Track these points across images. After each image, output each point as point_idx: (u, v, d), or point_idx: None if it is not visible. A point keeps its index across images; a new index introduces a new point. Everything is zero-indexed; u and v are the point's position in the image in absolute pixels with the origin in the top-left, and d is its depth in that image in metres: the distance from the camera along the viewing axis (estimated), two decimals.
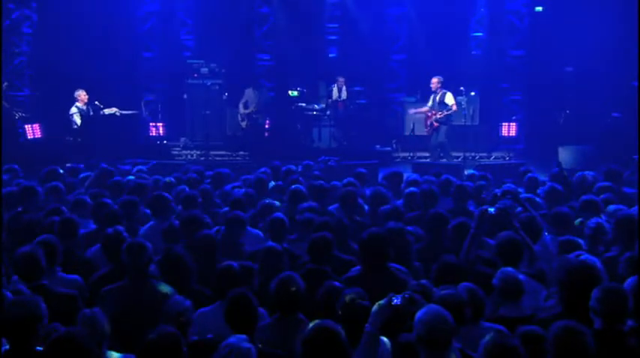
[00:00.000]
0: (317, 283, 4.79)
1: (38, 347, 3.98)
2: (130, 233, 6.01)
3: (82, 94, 14.40)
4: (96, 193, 7.90)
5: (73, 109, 14.40)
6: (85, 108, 14.43)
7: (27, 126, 15.09)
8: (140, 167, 10.70)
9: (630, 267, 5.04)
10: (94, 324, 4.07)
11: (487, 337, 3.70)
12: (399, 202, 8.13)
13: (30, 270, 5.00)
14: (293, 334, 4.20)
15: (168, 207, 7.17)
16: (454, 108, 14.01)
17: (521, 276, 4.92)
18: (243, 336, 3.82)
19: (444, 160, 14.04)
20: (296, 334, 4.02)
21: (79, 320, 4.12)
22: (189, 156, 15.43)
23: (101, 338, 4.06)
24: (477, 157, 15.31)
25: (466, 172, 10.96)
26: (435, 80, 14.20)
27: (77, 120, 14.42)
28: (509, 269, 4.95)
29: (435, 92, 14.21)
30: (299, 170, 9.94)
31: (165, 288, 4.91)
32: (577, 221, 6.73)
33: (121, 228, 5.89)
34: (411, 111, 15.17)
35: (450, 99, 14.03)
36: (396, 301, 3.88)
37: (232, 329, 4.21)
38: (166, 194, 7.40)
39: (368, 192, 8.31)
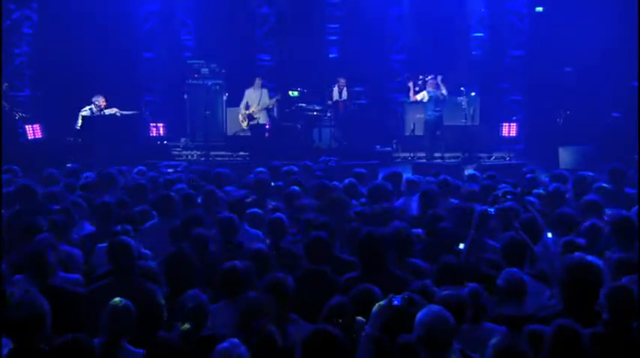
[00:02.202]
0: (315, 284, 4.75)
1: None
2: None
3: (100, 100, 14.39)
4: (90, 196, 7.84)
5: (85, 109, 14.39)
6: (97, 113, 14.41)
7: (27, 127, 15.09)
8: (140, 167, 10.70)
9: (619, 269, 5.01)
10: None
11: (495, 339, 3.67)
12: (400, 202, 8.13)
13: (40, 268, 5.07)
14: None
15: (175, 207, 7.10)
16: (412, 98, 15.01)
17: (525, 277, 4.91)
18: (237, 341, 3.81)
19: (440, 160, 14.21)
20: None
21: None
22: (189, 157, 15.40)
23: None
24: (477, 158, 15.28)
25: (466, 172, 10.93)
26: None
27: (79, 122, 14.43)
28: (514, 269, 4.94)
29: None
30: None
31: (153, 287, 4.89)
32: None
33: (128, 226, 5.92)
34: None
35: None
36: (396, 302, 3.87)
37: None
38: (172, 193, 7.39)
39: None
